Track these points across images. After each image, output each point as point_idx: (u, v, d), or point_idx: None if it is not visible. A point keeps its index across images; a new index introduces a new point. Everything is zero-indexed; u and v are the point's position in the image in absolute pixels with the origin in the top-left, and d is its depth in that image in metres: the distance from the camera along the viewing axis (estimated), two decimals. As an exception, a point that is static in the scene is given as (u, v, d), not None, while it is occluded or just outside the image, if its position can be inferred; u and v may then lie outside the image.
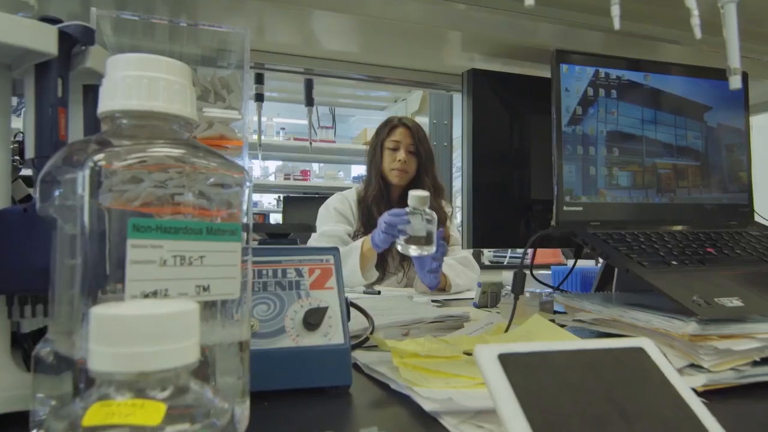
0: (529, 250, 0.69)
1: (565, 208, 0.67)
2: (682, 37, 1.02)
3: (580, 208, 0.68)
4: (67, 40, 0.42)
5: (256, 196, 4.57)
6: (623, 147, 0.71)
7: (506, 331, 0.58)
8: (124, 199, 0.32)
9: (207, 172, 0.35)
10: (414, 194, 1.18)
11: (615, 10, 0.50)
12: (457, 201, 3.40)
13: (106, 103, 0.35)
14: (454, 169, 2.99)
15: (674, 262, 0.57)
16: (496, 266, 2.69)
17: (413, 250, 1.18)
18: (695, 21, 0.52)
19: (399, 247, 1.21)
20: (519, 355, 0.35)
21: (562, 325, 0.61)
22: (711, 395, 0.45)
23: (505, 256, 2.87)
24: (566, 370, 0.34)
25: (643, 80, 0.73)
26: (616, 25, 0.50)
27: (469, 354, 0.57)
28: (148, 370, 0.23)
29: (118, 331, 0.23)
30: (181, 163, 0.34)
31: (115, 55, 0.36)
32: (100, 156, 0.31)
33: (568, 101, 0.69)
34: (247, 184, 0.39)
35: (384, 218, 1.24)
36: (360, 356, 0.57)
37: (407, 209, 1.18)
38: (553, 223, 0.66)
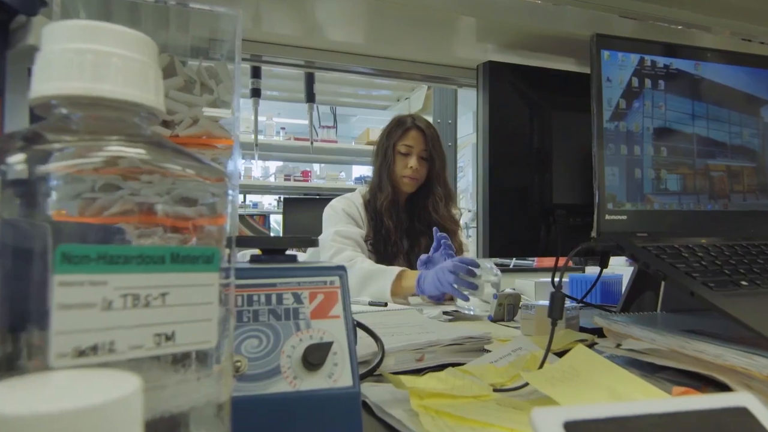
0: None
1: (607, 216, 0.58)
2: (714, 24, 0.94)
3: (624, 217, 0.58)
4: (1, 10, 0.33)
5: (256, 197, 4.52)
6: (672, 146, 0.62)
7: (541, 366, 0.49)
8: (55, 214, 0.24)
9: (174, 178, 0.27)
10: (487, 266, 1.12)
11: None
12: (461, 202, 3.31)
13: (38, 87, 0.26)
14: (457, 169, 2.90)
15: (744, 282, 0.48)
16: (502, 269, 2.59)
17: (475, 308, 1.11)
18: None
19: (457, 303, 1.14)
20: (592, 423, 0.26)
21: (598, 350, 0.53)
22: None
23: (511, 259, 2.78)
24: (657, 445, 0.25)
25: (693, 69, 0.64)
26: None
27: (499, 390, 0.49)
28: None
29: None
30: (137, 166, 0.25)
31: (52, 23, 0.27)
32: (18, 158, 0.22)
33: (610, 93, 0.60)
34: (230, 192, 0.30)
35: (449, 278, 1.09)
36: (368, 391, 0.48)
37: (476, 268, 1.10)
38: (593, 234, 0.57)
